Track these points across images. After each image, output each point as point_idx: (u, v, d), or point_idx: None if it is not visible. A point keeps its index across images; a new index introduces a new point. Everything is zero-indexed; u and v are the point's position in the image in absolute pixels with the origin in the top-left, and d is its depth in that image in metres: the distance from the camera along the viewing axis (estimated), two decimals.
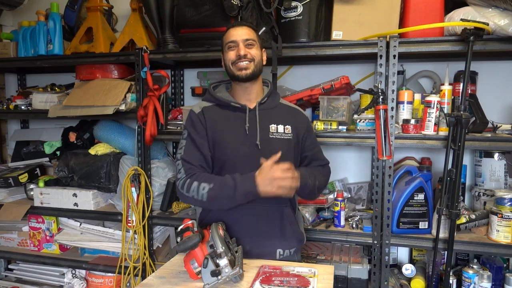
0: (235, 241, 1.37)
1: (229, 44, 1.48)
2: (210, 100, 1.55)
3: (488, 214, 1.81)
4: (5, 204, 2.42)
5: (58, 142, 2.50)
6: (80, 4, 2.31)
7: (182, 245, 1.21)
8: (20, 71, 2.84)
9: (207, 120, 1.49)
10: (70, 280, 2.34)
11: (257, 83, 1.53)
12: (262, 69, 1.53)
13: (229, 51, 1.49)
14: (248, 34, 1.48)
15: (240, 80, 1.48)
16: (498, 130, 1.86)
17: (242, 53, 1.45)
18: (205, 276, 1.19)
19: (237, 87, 1.53)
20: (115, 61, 2.23)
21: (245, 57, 1.45)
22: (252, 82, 1.50)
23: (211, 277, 1.18)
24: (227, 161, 1.46)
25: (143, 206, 2.13)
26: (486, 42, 1.66)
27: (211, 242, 1.24)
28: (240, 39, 1.46)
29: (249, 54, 1.46)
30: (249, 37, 1.47)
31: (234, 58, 1.47)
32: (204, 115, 1.49)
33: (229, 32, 1.50)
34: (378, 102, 1.73)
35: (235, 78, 1.49)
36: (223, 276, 1.17)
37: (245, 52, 1.45)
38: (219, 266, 1.18)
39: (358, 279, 1.88)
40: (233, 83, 1.56)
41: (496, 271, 1.83)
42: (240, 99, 1.53)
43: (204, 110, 1.51)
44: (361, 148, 2.27)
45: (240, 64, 1.45)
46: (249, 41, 1.47)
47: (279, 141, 1.48)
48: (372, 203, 1.86)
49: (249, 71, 1.46)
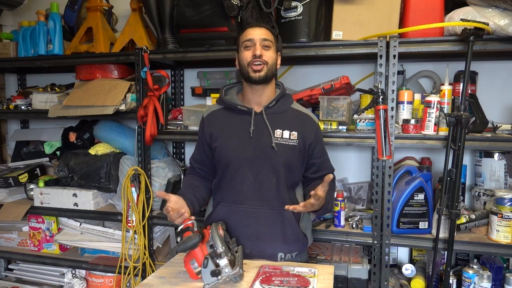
0: (235, 241, 1.37)
1: (246, 43, 1.46)
2: (220, 103, 1.58)
3: (488, 214, 1.81)
4: (5, 204, 2.42)
5: (58, 142, 2.50)
6: (80, 4, 2.31)
7: (182, 245, 1.21)
8: (20, 71, 2.84)
9: (211, 124, 1.54)
10: (70, 280, 2.34)
11: (269, 86, 1.51)
12: (275, 73, 1.51)
13: (245, 50, 1.47)
14: (266, 34, 1.47)
15: (253, 82, 1.46)
16: (498, 130, 1.86)
17: (258, 53, 1.42)
18: (205, 276, 1.19)
19: (248, 89, 1.52)
20: (115, 61, 2.23)
21: (260, 58, 1.43)
22: (264, 85, 1.49)
23: (211, 277, 1.18)
24: (230, 164, 1.48)
25: (143, 206, 2.13)
26: (486, 42, 1.66)
27: (211, 242, 1.24)
28: (258, 38, 1.44)
29: (264, 56, 1.44)
30: (267, 38, 1.46)
31: (250, 58, 1.44)
32: (210, 120, 1.55)
33: (247, 31, 1.48)
34: (378, 102, 1.73)
35: (248, 79, 1.47)
36: (223, 276, 1.17)
37: (261, 52, 1.43)
38: (219, 266, 1.18)
39: (358, 279, 1.88)
40: (244, 85, 1.54)
41: (496, 271, 1.83)
42: (250, 102, 1.53)
43: (211, 114, 1.56)
44: (361, 148, 2.27)
45: (255, 67, 1.43)
46: (267, 42, 1.45)
47: (283, 147, 1.46)
48: (372, 203, 1.86)
49: (262, 74, 1.44)
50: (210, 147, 1.54)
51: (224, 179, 1.51)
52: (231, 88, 1.62)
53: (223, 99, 1.55)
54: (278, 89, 1.57)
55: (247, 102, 1.53)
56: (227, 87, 1.62)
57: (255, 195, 1.46)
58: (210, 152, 1.56)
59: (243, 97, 1.56)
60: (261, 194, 1.46)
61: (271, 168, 1.46)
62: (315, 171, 1.56)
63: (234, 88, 1.61)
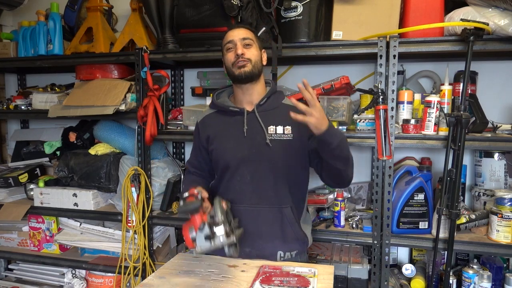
0: (237, 222, 1.35)
1: (227, 45, 1.49)
2: (212, 107, 1.61)
3: (488, 214, 1.81)
4: (5, 204, 2.42)
5: (58, 142, 2.50)
6: (80, 4, 2.31)
7: (183, 207, 1.20)
8: (20, 71, 2.84)
9: (206, 128, 1.57)
10: (70, 280, 2.34)
11: (258, 84, 1.53)
12: (261, 70, 1.53)
13: (228, 53, 1.50)
14: (245, 33, 1.49)
15: (240, 81, 1.48)
16: (498, 130, 1.86)
17: (239, 52, 1.45)
18: (199, 239, 1.18)
19: (238, 90, 1.53)
20: (115, 61, 2.23)
21: (242, 57, 1.45)
22: (252, 83, 1.50)
23: (205, 241, 1.17)
24: (228, 165, 1.49)
25: (143, 206, 2.13)
26: (486, 42, 1.66)
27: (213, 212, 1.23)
28: (237, 38, 1.47)
29: (246, 54, 1.46)
30: (246, 36, 1.48)
31: (233, 59, 1.47)
32: (204, 124, 1.58)
33: (227, 35, 1.52)
34: (378, 102, 1.73)
35: (235, 78, 1.49)
36: (216, 242, 1.16)
37: (242, 51, 1.45)
38: (215, 234, 1.17)
39: (358, 279, 1.88)
40: (234, 87, 1.56)
41: (496, 271, 1.83)
42: (241, 102, 1.54)
43: (205, 118, 1.60)
44: (361, 148, 2.27)
45: (238, 64, 1.46)
46: (247, 40, 1.48)
47: (278, 143, 1.47)
48: (372, 203, 1.86)
49: (247, 69, 1.45)
50: (207, 151, 1.57)
51: (222, 180, 1.53)
52: (222, 92, 1.64)
53: (215, 102, 1.58)
54: (268, 87, 1.59)
55: (239, 103, 1.55)
56: (219, 92, 1.65)
57: (254, 194, 1.47)
58: (208, 155, 1.58)
59: (234, 99, 1.58)
60: (259, 193, 1.47)
61: (268, 165, 1.46)
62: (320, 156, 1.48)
63: (225, 92, 1.64)
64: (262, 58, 1.54)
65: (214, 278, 1.27)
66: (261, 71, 1.53)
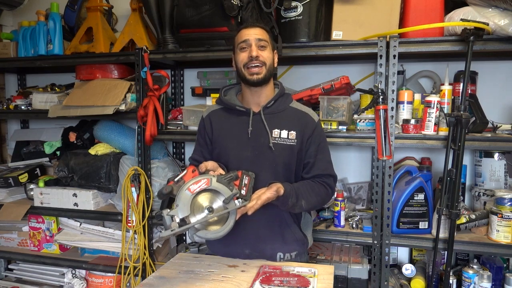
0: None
1: (241, 44, 1.44)
2: (219, 103, 1.57)
3: (488, 214, 1.81)
4: (5, 204, 2.42)
5: (58, 142, 2.50)
6: (80, 4, 2.31)
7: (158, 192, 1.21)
8: (20, 71, 2.84)
9: (212, 123, 1.53)
10: (70, 280, 2.34)
11: (268, 86, 1.50)
12: (273, 73, 1.50)
13: (241, 52, 1.45)
14: (261, 34, 1.45)
15: (251, 85, 1.46)
16: (498, 130, 1.86)
17: (254, 55, 1.41)
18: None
19: (247, 90, 1.51)
20: (115, 61, 2.23)
21: (257, 59, 1.42)
22: (262, 86, 1.48)
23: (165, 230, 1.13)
24: (230, 165, 1.47)
25: (143, 206, 2.13)
26: (486, 42, 1.66)
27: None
28: (253, 38, 1.43)
29: (261, 57, 1.42)
30: (262, 38, 1.44)
31: (246, 60, 1.43)
32: (210, 119, 1.54)
33: (241, 32, 1.46)
34: (378, 102, 1.73)
35: (246, 81, 1.46)
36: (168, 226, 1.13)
37: (257, 53, 1.41)
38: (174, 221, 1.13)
39: (358, 279, 1.88)
40: (242, 86, 1.53)
41: (496, 271, 1.83)
42: (248, 103, 1.52)
43: (211, 114, 1.56)
44: (361, 148, 2.27)
45: (252, 69, 1.42)
46: (262, 42, 1.44)
47: (281, 147, 1.45)
48: (372, 203, 1.86)
49: (261, 76, 1.42)
50: (212, 146, 1.54)
51: None
52: (230, 89, 1.61)
53: (222, 99, 1.55)
54: (277, 89, 1.56)
55: (246, 103, 1.53)
56: (227, 88, 1.61)
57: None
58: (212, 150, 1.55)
59: (242, 98, 1.55)
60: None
61: (269, 168, 1.45)
62: (308, 171, 1.50)
63: (233, 89, 1.61)
64: (274, 60, 1.51)
65: (214, 278, 1.27)
66: (273, 73, 1.50)
